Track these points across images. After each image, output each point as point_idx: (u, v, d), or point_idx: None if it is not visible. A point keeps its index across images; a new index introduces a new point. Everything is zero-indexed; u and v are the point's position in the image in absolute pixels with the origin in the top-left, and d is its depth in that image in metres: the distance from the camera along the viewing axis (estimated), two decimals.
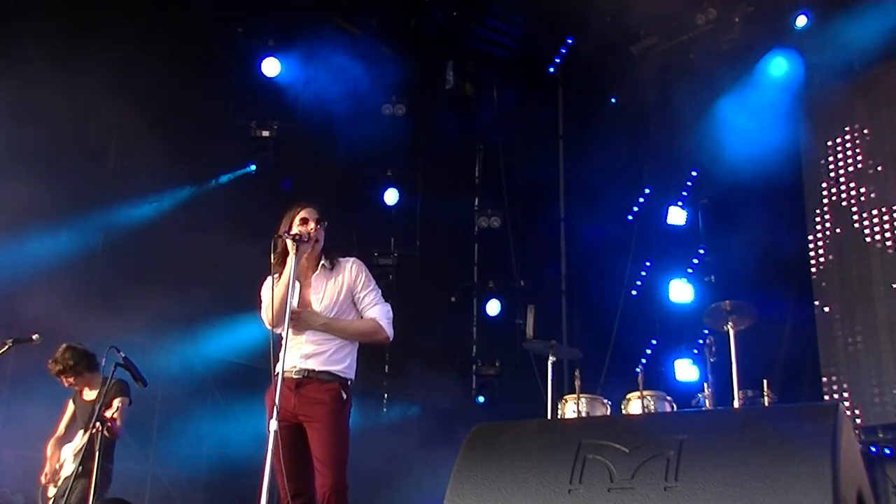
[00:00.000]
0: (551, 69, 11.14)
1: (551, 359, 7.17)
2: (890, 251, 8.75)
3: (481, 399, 10.43)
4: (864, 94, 9.30)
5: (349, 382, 4.35)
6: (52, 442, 5.93)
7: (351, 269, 4.43)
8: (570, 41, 10.96)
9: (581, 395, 6.72)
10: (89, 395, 5.88)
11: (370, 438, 9.28)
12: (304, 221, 4.37)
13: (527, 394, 9.13)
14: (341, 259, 4.48)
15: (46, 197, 7.30)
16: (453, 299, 10.74)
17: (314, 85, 9.61)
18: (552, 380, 7.13)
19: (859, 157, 9.22)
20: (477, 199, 11.26)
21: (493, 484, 2.73)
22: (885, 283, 8.71)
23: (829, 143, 9.50)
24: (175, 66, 8.22)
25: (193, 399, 8.53)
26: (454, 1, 10.37)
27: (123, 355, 5.30)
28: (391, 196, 10.35)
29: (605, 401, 6.91)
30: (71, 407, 5.98)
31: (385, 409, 10.10)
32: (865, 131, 9.24)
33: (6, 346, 5.27)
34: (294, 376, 4.25)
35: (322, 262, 4.42)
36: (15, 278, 7.10)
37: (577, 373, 6.87)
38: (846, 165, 9.31)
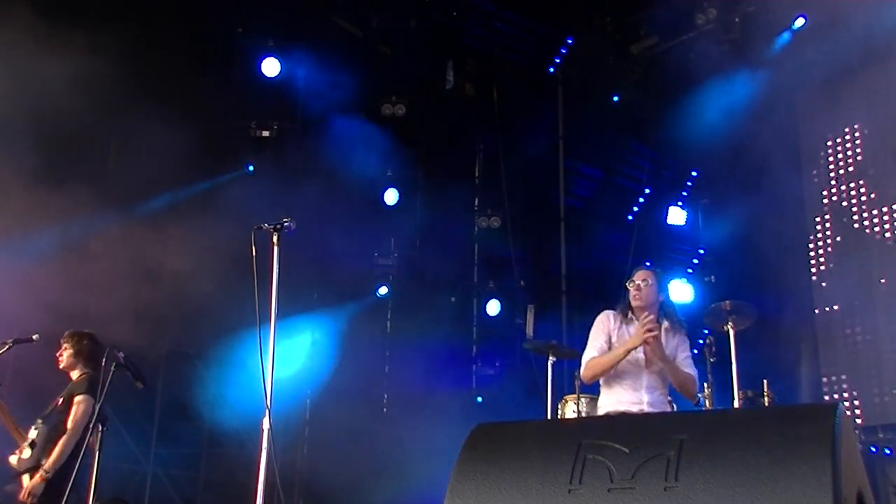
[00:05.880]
0: (551, 69, 11.13)
1: (551, 359, 7.17)
2: (890, 251, 8.75)
3: (481, 399, 10.42)
4: (863, 94, 9.30)
5: None
6: None
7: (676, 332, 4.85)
8: (570, 41, 10.96)
9: (581, 395, 6.72)
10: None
11: (370, 438, 9.29)
12: (638, 287, 4.64)
13: (527, 394, 9.12)
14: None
15: (46, 197, 7.30)
16: (453, 299, 10.72)
17: (314, 85, 9.61)
18: (552, 380, 7.13)
19: (859, 157, 9.22)
20: (477, 199, 11.24)
21: (493, 484, 2.72)
22: (886, 282, 8.71)
23: (829, 143, 9.50)
24: (175, 66, 8.23)
25: (194, 400, 8.53)
26: (454, 1, 10.37)
27: (123, 355, 5.30)
28: (391, 196, 10.34)
29: None
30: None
31: (385, 409, 10.09)
32: (865, 131, 9.24)
33: (6, 346, 5.29)
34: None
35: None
36: (15, 278, 7.10)
37: (577, 373, 6.87)
38: (846, 165, 9.32)
